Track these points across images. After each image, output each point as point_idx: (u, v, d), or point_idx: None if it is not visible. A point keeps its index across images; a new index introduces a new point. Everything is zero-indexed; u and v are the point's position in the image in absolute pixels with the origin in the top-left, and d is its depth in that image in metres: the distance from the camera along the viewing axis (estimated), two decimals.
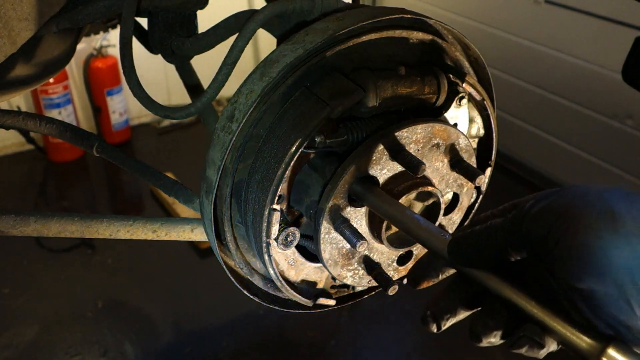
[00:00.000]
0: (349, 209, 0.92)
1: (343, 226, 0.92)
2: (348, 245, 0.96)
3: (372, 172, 0.91)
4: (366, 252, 1.00)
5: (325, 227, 0.92)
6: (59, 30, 1.08)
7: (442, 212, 1.00)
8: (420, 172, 0.88)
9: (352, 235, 0.91)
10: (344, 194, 0.90)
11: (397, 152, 0.90)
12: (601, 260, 0.61)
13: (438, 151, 0.96)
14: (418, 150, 0.93)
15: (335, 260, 0.97)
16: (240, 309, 3.38)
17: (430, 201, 1.00)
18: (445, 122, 0.97)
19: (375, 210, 0.91)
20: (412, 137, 0.92)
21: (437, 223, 1.01)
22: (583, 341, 0.66)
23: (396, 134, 0.90)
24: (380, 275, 1.01)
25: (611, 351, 0.64)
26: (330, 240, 0.94)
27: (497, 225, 0.71)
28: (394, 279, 1.04)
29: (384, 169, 0.92)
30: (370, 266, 1.01)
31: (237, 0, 4.78)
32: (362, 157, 0.89)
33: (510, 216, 0.70)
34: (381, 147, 0.90)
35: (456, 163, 0.99)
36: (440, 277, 0.80)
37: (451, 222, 1.08)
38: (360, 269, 1.01)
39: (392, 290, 0.99)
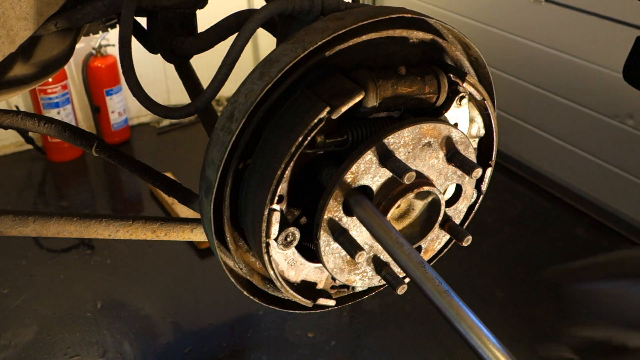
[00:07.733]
0: (345, 219, 0.92)
1: (342, 238, 0.91)
2: None
3: (363, 181, 0.90)
4: (372, 253, 0.99)
5: (325, 239, 0.91)
6: (58, 29, 1.07)
7: (442, 207, 1.00)
8: (407, 180, 0.87)
9: (351, 247, 0.91)
10: (337, 207, 0.90)
11: (385, 159, 0.89)
12: None
13: (430, 149, 0.95)
14: (409, 152, 0.93)
15: (340, 268, 0.97)
16: (240, 309, 3.37)
17: (430, 198, 1.00)
18: (434, 120, 0.96)
19: (364, 225, 0.90)
20: (400, 141, 0.91)
21: (440, 216, 1.01)
22: None
23: (384, 140, 0.89)
24: (390, 274, 0.99)
25: None
26: (332, 250, 0.94)
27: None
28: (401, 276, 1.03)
29: (375, 176, 0.91)
30: (380, 265, 1.01)
31: (237, 0, 4.78)
32: (352, 168, 0.88)
33: None
34: (370, 155, 0.89)
35: (452, 156, 0.98)
36: None
37: (457, 211, 1.08)
38: (369, 269, 1.01)
39: (402, 290, 0.96)
